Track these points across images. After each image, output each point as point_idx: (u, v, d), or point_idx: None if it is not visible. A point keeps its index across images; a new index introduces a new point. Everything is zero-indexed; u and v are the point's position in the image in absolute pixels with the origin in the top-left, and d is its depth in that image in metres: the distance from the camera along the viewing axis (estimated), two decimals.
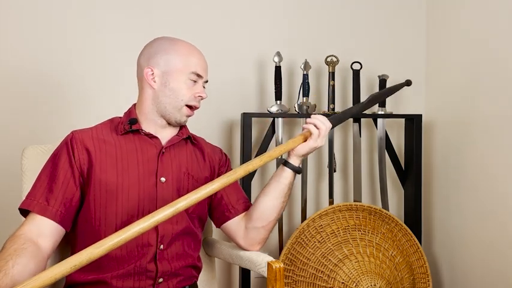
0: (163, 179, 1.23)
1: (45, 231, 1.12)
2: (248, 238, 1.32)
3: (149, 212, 1.19)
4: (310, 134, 1.28)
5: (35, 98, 1.87)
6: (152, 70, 1.26)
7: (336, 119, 1.37)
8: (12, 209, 1.41)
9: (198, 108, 1.31)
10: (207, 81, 1.32)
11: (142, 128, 1.26)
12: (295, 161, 1.30)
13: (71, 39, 1.90)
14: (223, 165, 1.38)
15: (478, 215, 1.87)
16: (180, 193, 1.25)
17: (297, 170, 1.31)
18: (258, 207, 1.30)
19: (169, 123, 1.29)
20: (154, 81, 1.26)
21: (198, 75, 1.27)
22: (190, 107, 1.28)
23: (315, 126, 1.28)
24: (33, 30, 1.87)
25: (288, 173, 1.30)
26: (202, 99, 1.30)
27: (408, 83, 1.58)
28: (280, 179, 1.30)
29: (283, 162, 1.31)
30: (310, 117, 1.31)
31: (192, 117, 1.34)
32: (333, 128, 1.35)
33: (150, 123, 1.28)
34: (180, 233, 1.24)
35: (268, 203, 1.30)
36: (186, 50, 1.28)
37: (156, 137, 1.27)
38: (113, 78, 1.93)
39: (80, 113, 1.90)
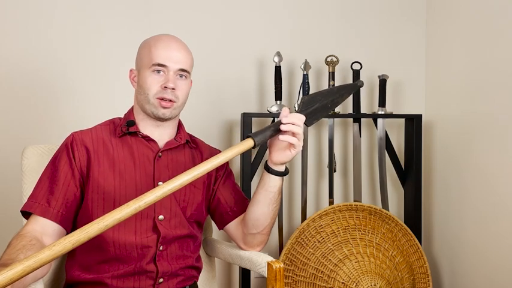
0: (161, 184, 1.22)
1: (48, 231, 1.13)
2: (247, 241, 1.32)
3: (147, 216, 1.20)
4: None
5: (35, 98, 1.87)
6: (133, 71, 1.29)
7: (311, 118, 1.22)
8: (12, 208, 1.42)
9: (174, 101, 1.22)
10: (184, 71, 1.23)
11: (140, 130, 1.26)
12: (279, 168, 1.23)
13: (71, 39, 1.90)
14: (221, 168, 1.34)
15: (478, 215, 1.87)
16: (177, 199, 1.24)
17: (285, 174, 1.24)
18: (251, 216, 1.27)
19: (158, 119, 1.24)
20: (135, 82, 1.28)
21: (161, 65, 1.20)
22: (162, 99, 1.21)
23: (293, 133, 1.15)
24: (33, 30, 1.87)
25: (275, 180, 1.23)
26: (169, 89, 1.20)
27: (360, 84, 1.39)
28: (269, 188, 1.23)
29: (267, 169, 1.23)
30: (282, 116, 1.15)
31: (192, 117, 1.33)
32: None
33: (143, 124, 1.26)
34: (180, 237, 1.24)
35: (260, 211, 1.26)
36: (152, 43, 1.23)
37: (153, 140, 1.26)
38: (113, 78, 1.93)
39: (80, 113, 1.90)
